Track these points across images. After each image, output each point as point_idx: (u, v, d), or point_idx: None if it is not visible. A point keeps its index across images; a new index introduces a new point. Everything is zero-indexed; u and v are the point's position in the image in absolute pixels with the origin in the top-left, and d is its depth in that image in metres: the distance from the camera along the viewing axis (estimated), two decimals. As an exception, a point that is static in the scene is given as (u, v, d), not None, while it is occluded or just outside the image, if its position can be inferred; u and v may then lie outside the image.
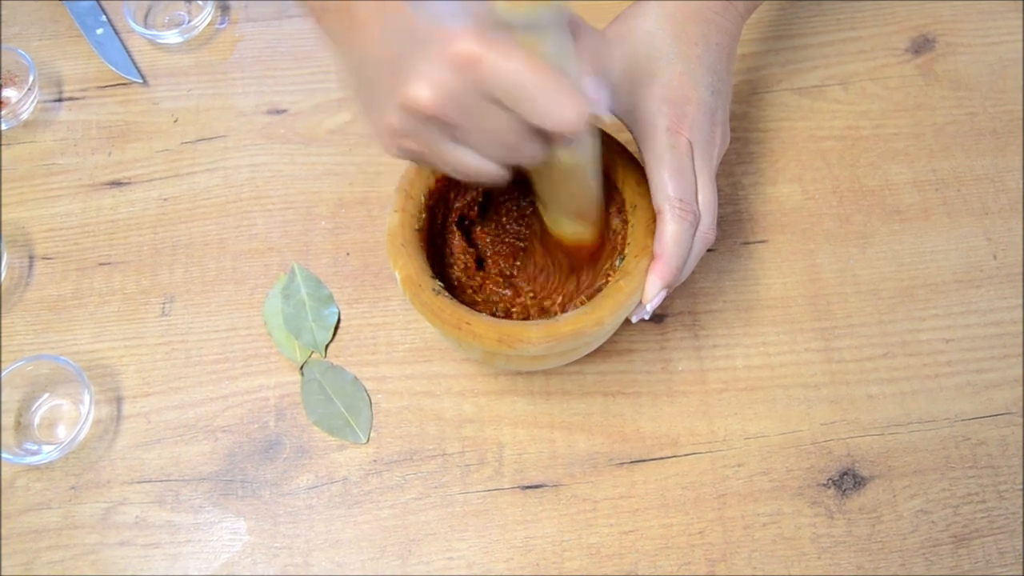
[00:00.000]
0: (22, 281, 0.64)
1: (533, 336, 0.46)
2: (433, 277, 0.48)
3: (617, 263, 0.50)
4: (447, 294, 0.48)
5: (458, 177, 0.41)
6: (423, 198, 0.51)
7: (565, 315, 0.48)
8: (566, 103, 0.36)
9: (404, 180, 0.51)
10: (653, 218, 0.49)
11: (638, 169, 0.51)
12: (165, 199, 0.66)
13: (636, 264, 0.48)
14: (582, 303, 0.51)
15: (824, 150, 0.67)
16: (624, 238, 0.51)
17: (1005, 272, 0.63)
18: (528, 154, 0.40)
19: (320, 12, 0.41)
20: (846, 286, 0.62)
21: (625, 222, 0.52)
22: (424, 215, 0.51)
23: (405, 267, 0.48)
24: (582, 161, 0.45)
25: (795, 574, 0.54)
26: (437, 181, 0.52)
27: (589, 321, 0.47)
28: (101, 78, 0.71)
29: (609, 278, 0.50)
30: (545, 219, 0.52)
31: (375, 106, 0.39)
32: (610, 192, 0.53)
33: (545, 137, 0.39)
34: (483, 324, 0.47)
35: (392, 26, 0.37)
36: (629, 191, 0.51)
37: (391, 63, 0.37)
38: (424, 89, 0.36)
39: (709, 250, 0.63)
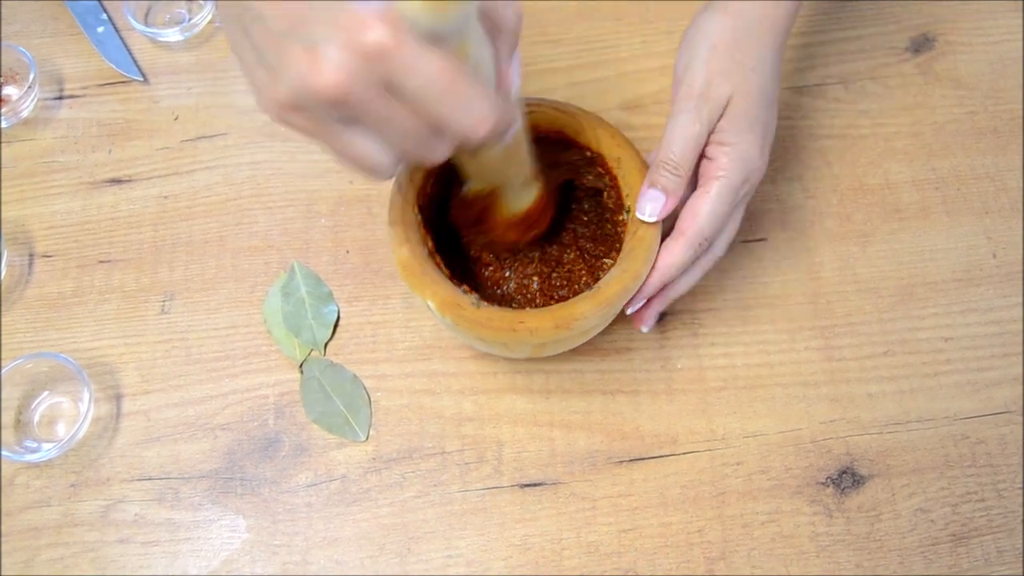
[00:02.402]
0: (22, 279, 0.64)
1: (586, 310, 0.47)
2: (466, 292, 0.48)
3: (624, 216, 0.52)
4: (486, 302, 0.48)
5: (344, 163, 0.39)
6: (419, 221, 0.50)
7: (605, 279, 0.48)
8: (482, 114, 0.35)
9: (395, 211, 0.50)
10: (642, 164, 0.51)
11: (606, 125, 0.53)
12: (165, 197, 0.66)
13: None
14: (606, 264, 0.52)
15: (824, 149, 0.67)
16: (619, 191, 0.52)
17: (1005, 271, 0.63)
18: (432, 154, 0.38)
19: None
20: (846, 284, 0.62)
21: (613, 176, 0.53)
22: (428, 237, 0.50)
23: (435, 293, 0.48)
24: (517, 138, 0.45)
25: (794, 573, 0.54)
26: (420, 199, 0.51)
27: (629, 277, 0.48)
28: (101, 76, 0.71)
29: (620, 232, 0.52)
30: (497, 207, 0.52)
31: (263, 70, 0.36)
32: (586, 154, 0.54)
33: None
34: (535, 317, 0.47)
35: None
36: (606, 147, 0.53)
37: (291, 28, 0.34)
38: (326, 71, 0.33)
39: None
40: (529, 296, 0.57)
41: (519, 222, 0.53)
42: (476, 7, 0.35)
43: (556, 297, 0.57)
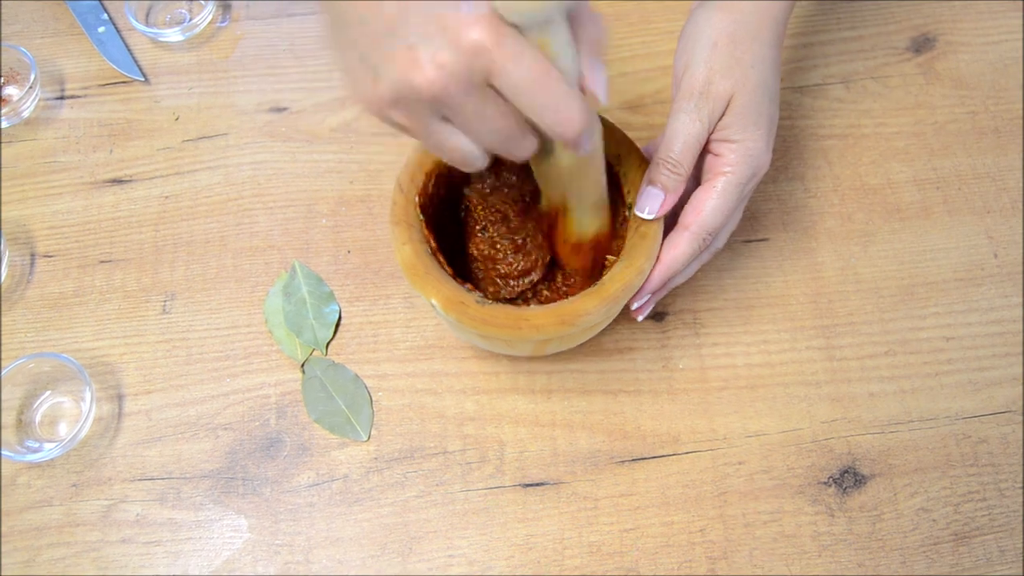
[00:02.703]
0: (23, 279, 0.64)
1: (590, 306, 0.47)
2: (470, 290, 0.48)
3: (626, 213, 0.52)
4: (489, 300, 0.48)
5: (439, 155, 0.41)
6: (421, 220, 0.51)
7: (608, 275, 0.49)
8: (571, 113, 0.37)
9: (397, 211, 0.50)
10: (642, 161, 0.51)
11: (605, 122, 0.52)
12: (166, 197, 0.66)
13: None
14: (609, 260, 0.52)
15: (825, 148, 0.67)
16: (620, 188, 0.53)
17: (1006, 270, 0.63)
18: (523, 148, 0.40)
19: None
20: (847, 284, 0.62)
21: (614, 173, 0.53)
22: (430, 236, 0.50)
23: (439, 292, 0.48)
24: (593, 152, 0.45)
25: (796, 572, 0.54)
26: (421, 199, 0.52)
27: (632, 272, 0.48)
28: (102, 76, 0.71)
29: (621, 228, 0.52)
30: (565, 225, 0.52)
31: (365, 69, 0.38)
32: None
33: (540, 132, 0.39)
34: (539, 314, 0.47)
35: None
36: (606, 144, 0.52)
37: (392, 28, 0.36)
38: (428, 69, 0.35)
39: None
40: (531, 293, 0.57)
41: (586, 249, 0.53)
42: (565, 7, 0.36)
43: (559, 294, 0.57)
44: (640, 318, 0.54)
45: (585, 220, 0.51)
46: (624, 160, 0.52)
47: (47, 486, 0.57)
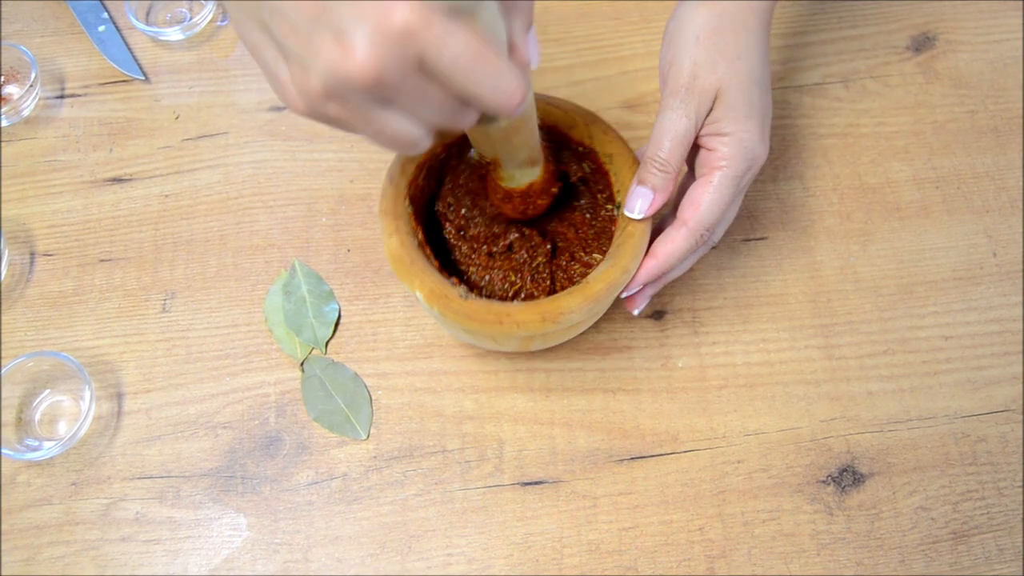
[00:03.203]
0: (23, 277, 0.64)
1: (572, 304, 0.47)
2: (455, 284, 0.48)
3: (615, 212, 0.52)
4: (474, 294, 0.48)
5: (380, 143, 0.40)
6: (409, 212, 0.51)
7: (593, 274, 0.49)
8: (507, 86, 0.36)
9: (386, 202, 0.50)
10: (634, 161, 0.51)
11: (599, 121, 0.53)
12: (166, 196, 0.66)
13: None
14: (594, 260, 0.52)
15: (825, 147, 0.67)
16: (611, 187, 0.52)
17: (1005, 270, 0.63)
18: (466, 120, 0.39)
19: None
20: (846, 283, 0.62)
21: (605, 172, 0.53)
22: (418, 228, 0.51)
23: (423, 284, 0.48)
24: (524, 114, 0.45)
25: (794, 571, 0.54)
26: (411, 191, 0.52)
27: (616, 272, 0.48)
28: (103, 75, 0.71)
29: (611, 228, 0.52)
30: (496, 177, 0.52)
31: (290, 64, 0.36)
32: (578, 150, 0.54)
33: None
34: (521, 310, 0.47)
35: None
36: (598, 143, 0.53)
37: (315, 18, 0.34)
38: (360, 56, 0.33)
39: (709, 247, 0.63)
40: (517, 290, 0.57)
41: (516, 197, 0.53)
42: None
43: (546, 291, 0.57)
44: (636, 311, 0.54)
45: (517, 173, 0.51)
46: (615, 159, 0.52)
47: (47, 484, 0.57)
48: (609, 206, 0.54)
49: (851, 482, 0.56)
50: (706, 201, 0.49)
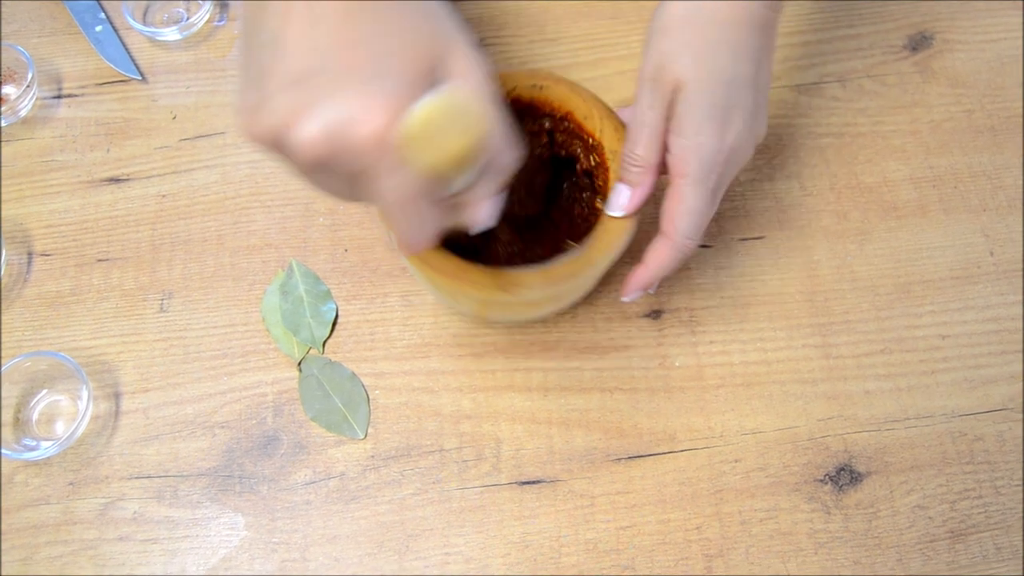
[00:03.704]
0: (20, 277, 0.64)
1: (532, 280, 0.47)
2: None
3: (599, 204, 0.52)
4: (443, 248, 0.48)
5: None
6: None
7: (560, 257, 0.49)
8: (413, 241, 0.40)
9: None
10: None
11: (614, 118, 0.53)
12: (164, 196, 0.66)
13: None
14: (568, 245, 0.52)
15: (822, 147, 0.67)
16: (606, 181, 0.52)
17: (1002, 269, 0.63)
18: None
19: None
20: (843, 282, 0.62)
21: (606, 168, 0.53)
22: None
23: None
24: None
25: (792, 570, 0.54)
26: None
27: (581, 263, 0.48)
28: (100, 75, 0.71)
29: (595, 219, 0.53)
30: None
31: (256, 91, 0.36)
32: (588, 141, 0.54)
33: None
34: (480, 272, 0.47)
35: (321, 35, 0.34)
36: (607, 139, 0.53)
37: (302, 75, 0.34)
38: (307, 134, 0.34)
39: (706, 246, 0.63)
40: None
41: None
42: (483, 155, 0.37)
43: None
44: (626, 298, 0.54)
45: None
46: (619, 156, 0.52)
47: (44, 484, 0.57)
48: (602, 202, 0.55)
49: (848, 481, 0.57)
50: (679, 213, 0.48)
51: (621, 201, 0.49)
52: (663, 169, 0.50)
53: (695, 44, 0.47)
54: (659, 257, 0.50)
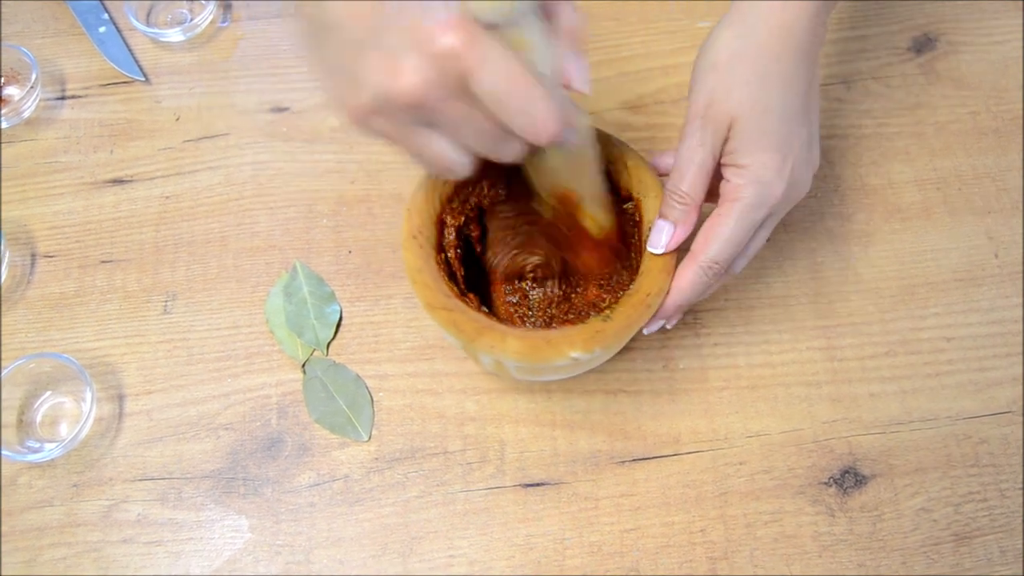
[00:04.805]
0: (24, 279, 0.64)
1: (515, 347, 0.45)
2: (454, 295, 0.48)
3: (641, 251, 0.50)
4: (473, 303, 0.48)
5: (422, 164, 0.41)
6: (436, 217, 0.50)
7: (590, 323, 0.47)
8: (542, 118, 0.36)
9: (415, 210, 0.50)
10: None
11: (642, 163, 0.51)
12: (167, 197, 0.66)
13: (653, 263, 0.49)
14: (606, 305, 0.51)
15: (826, 148, 0.67)
16: (641, 236, 0.51)
17: (1007, 271, 0.63)
18: (508, 150, 0.39)
19: None
20: (848, 284, 0.62)
21: (639, 213, 0.51)
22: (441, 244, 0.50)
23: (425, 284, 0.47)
24: (578, 150, 0.45)
25: (796, 572, 0.54)
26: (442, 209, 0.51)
27: (609, 333, 0.46)
28: (103, 76, 0.71)
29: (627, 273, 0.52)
30: (584, 220, 0.51)
31: (344, 78, 0.38)
32: (617, 190, 0.53)
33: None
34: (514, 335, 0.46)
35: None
36: (636, 184, 0.51)
37: (367, 34, 0.36)
38: (406, 76, 0.35)
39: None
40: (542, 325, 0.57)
41: (603, 245, 0.51)
42: (531, 4, 0.36)
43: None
44: (646, 331, 0.52)
45: (599, 214, 0.50)
46: (647, 200, 0.51)
47: (48, 486, 0.57)
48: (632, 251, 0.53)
49: (853, 484, 0.56)
50: (716, 234, 0.47)
51: (664, 239, 0.48)
52: (712, 198, 0.49)
53: (747, 78, 0.47)
54: (681, 280, 0.48)
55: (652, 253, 0.48)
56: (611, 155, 0.52)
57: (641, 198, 0.51)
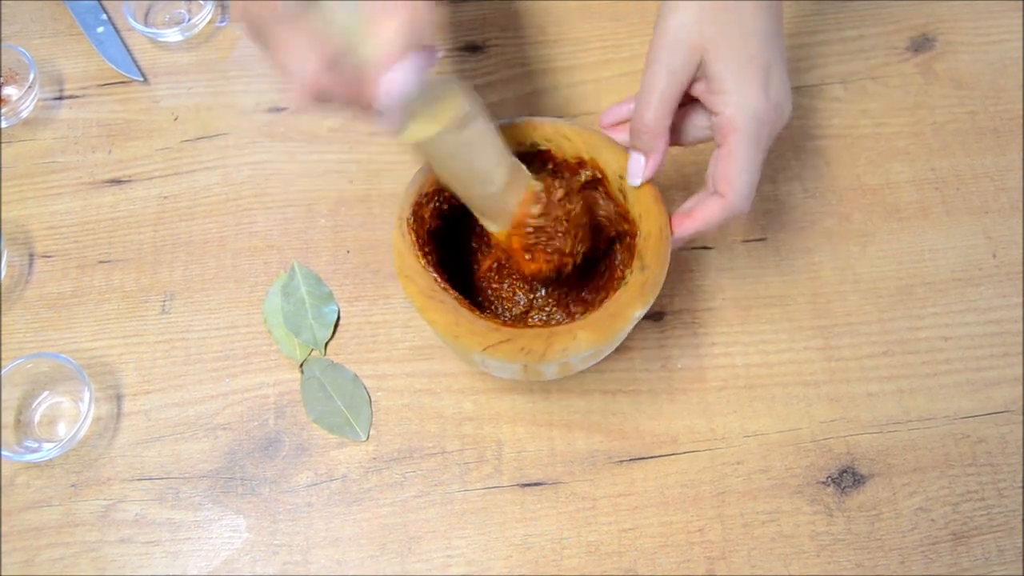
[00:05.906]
0: (22, 279, 0.64)
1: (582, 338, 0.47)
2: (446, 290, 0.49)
3: (628, 276, 0.49)
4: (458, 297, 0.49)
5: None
6: (416, 246, 0.50)
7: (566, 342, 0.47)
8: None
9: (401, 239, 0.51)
10: (660, 228, 0.50)
11: (584, 129, 0.53)
12: (165, 197, 0.66)
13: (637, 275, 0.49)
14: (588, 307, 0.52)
15: (824, 148, 0.67)
16: (632, 251, 0.51)
17: (1004, 271, 0.63)
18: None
19: None
20: (845, 284, 0.62)
21: (633, 235, 0.51)
22: (422, 255, 0.50)
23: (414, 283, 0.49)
24: (462, 136, 0.45)
25: (794, 572, 0.54)
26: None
27: (584, 341, 0.47)
28: (101, 76, 0.71)
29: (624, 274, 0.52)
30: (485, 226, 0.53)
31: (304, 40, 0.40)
32: (622, 214, 0.53)
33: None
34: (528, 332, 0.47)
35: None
36: (583, 146, 0.52)
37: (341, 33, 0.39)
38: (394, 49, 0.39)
39: (707, 248, 0.63)
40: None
41: (519, 238, 0.50)
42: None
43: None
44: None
45: (498, 201, 0.49)
46: (643, 219, 0.51)
47: (46, 486, 0.57)
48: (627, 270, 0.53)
49: (851, 483, 0.56)
50: (735, 172, 0.47)
51: (638, 170, 0.50)
52: (677, 137, 0.50)
53: (713, 8, 0.46)
54: (710, 213, 0.49)
55: (633, 186, 0.50)
56: (544, 134, 0.53)
57: (595, 155, 0.52)
